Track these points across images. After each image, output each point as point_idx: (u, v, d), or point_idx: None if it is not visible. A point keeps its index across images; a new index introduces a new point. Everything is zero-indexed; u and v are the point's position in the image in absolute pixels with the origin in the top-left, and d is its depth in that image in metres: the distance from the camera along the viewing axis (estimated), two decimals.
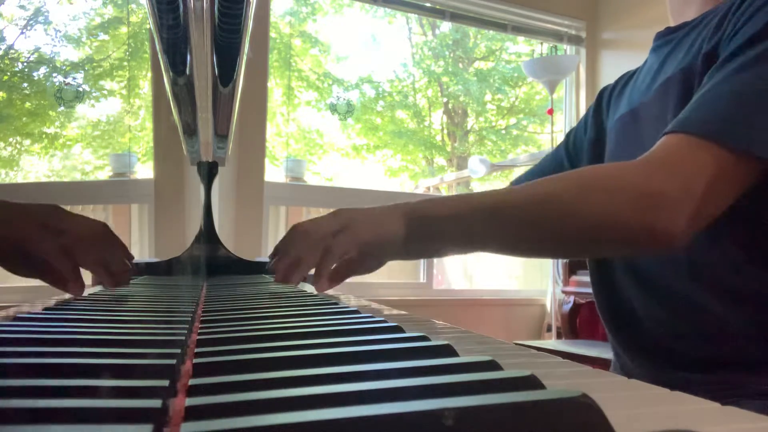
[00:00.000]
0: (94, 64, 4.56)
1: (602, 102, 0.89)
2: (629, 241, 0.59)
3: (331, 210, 0.70)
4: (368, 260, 0.71)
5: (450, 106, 6.52)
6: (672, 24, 0.80)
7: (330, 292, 0.73)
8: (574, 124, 2.89)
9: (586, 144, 0.89)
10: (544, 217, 0.61)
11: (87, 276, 0.65)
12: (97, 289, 0.76)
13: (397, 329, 0.35)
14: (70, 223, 0.60)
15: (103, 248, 0.63)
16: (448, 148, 6.47)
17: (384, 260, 0.72)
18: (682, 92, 0.67)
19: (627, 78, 0.87)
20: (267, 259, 0.80)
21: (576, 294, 2.37)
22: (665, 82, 0.71)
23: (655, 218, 0.56)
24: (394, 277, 2.70)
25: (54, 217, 0.60)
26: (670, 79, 0.70)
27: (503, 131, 6.47)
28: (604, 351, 1.97)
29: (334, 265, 0.69)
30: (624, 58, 2.81)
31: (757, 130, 0.55)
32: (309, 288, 0.78)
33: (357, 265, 0.71)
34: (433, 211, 0.66)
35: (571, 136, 0.93)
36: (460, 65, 6.28)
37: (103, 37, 4.70)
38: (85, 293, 0.63)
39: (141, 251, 2.22)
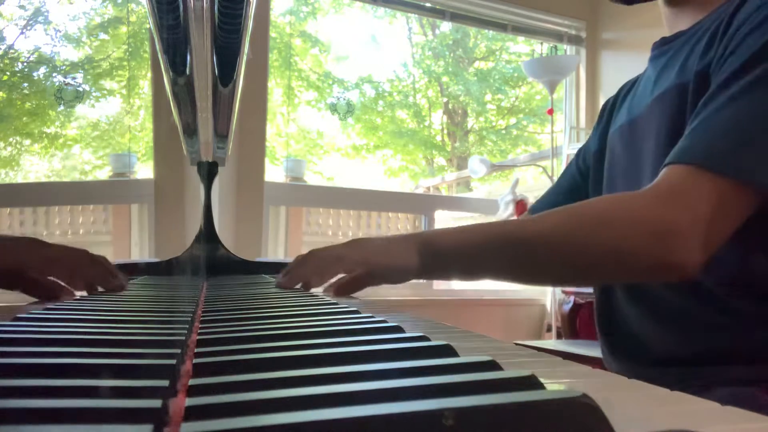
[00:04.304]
0: (94, 63, 4.56)
1: (604, 114, 0.90)
2: (644, 274, 0.62)
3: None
4: (376, 280, 0.73)
5: (450, 106, 6.52)
6: (667, 33, 0.79)
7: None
8: (574, 124, 2.91)
9: (591, 157, 0.89)
10: (557, 252, 0.63)
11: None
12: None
13: (397, 329, 0.35)
14: (54, 252, 0.65)
15: (88, 271, 0.66)
16: (448, 148, 6.47)
17: (392, 283, 0.74)
18: (676, 108, 0.68)
19: (628, 87, 0.87)
20: (267, 260, 0.82)
21: (576, 294, 2.36)
22: (660, 96, 0.71)
23: (670, 251, 0.57)
24: None
25: (38, 248, 0.64)
26: (665, 93, 0.71)
27: (503, 131, 6.47)
28: None
29: (340, 274, 0.73)
30: (624, 58, 2.81)
31: (757, 161, 0.57)
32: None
33: (364, 283, 0.73)
34: (445, 244, 0.69)
35: (581, 153, 0.94)
36: (460, 65, 6.28)
37: (103, 36, 4.71)
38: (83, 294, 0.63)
39: (141, 251, 2.22)
